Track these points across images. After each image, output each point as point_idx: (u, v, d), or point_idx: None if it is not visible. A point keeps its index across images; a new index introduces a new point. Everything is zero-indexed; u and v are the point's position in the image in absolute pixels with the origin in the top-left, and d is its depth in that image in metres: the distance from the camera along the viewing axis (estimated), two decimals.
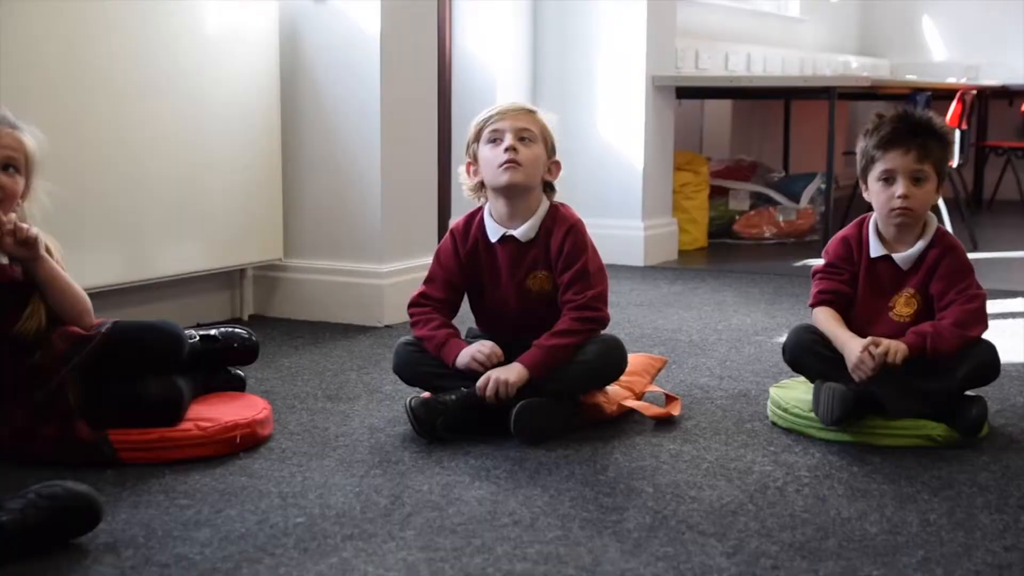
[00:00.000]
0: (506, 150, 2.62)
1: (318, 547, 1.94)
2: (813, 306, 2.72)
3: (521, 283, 2.70)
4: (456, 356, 2.61)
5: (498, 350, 2.60)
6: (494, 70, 5.22)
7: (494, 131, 2.65)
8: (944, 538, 1.99)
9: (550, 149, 2.70)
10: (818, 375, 2.61)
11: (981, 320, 2.58)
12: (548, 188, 2.74)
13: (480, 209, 2.75)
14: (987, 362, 2.57)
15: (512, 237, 2.69)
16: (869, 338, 2.53)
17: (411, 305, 2.74)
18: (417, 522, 2.06)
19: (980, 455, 2.46)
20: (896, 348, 2.50)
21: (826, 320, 2.66)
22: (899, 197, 2.58)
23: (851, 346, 2.55)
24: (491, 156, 2.65)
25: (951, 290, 2.59)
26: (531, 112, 2.70)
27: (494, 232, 2.71)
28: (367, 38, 3.78)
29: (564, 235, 2.67)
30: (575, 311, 2.63)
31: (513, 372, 2.56)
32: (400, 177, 3.90)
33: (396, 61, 3.84)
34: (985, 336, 2.61)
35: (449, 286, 2.74)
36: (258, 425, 2.52)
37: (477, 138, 2.69)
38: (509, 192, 2.66)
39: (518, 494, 2.21)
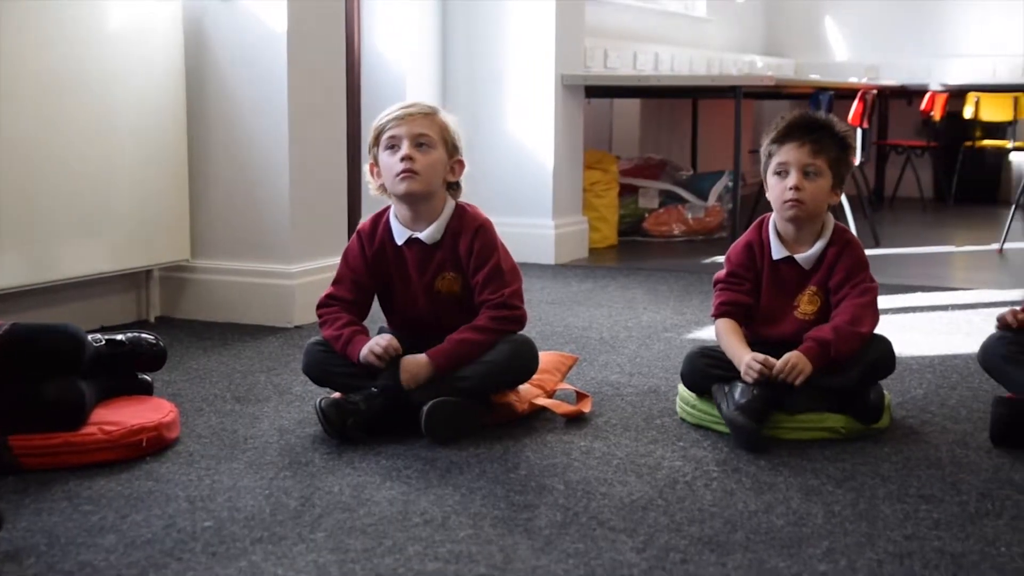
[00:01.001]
0: (403, 159, 2.61)
1: (227, 551, 1.92)
2: (715, 317, 2.76)
3: (430, 285, 2.70)
4: (360, 352, 2.60)
5: (395, 343, 2.59)
6: (403, 69, 5.20)
7: (391, 137, 2.64)
8: (848, 529, 2.04)
9: (451, 149, 2.69)
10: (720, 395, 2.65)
11: (873, 314, 2.64)
12: (453, 187, 2.73)
13: (387, 209, 2.75)
14: (881, 358, 2.63)
15: (418, 240, 2.69)
16: (757, 361, 2.56)
17: (319, 306, 2.73)
18: (327, 523, 2.04)
19: (882, 447, 2.52)
20: (801, 369, 2.53)
21: (725, 333, 2.70)
22: (790, 188, 2.62)
23: (743, 360, 2.59)
24: (389, 164, 2.64)
25: (846, 284, 2.65)
26: (429, 114, 2.67)
27: (400, 235, 2.70)
28: (274, 37, 3.74)
29: (473, 236, 2.67)
30: (493, 309, 2.64)
31: (415, 361, 2.58)
32: (308, 176, 3.87)
33: (303, 60, 3.81)
34: (883, 331, 2.67)
35: (357, 287, 2.73)
36: (165, 428, 2.48)
37: (376, 142, 2.67)
38: (409, 199, 2.66)
39: (429, 493, 2.20)
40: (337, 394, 2.64)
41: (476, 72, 5.36)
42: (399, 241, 2.70)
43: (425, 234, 2.67)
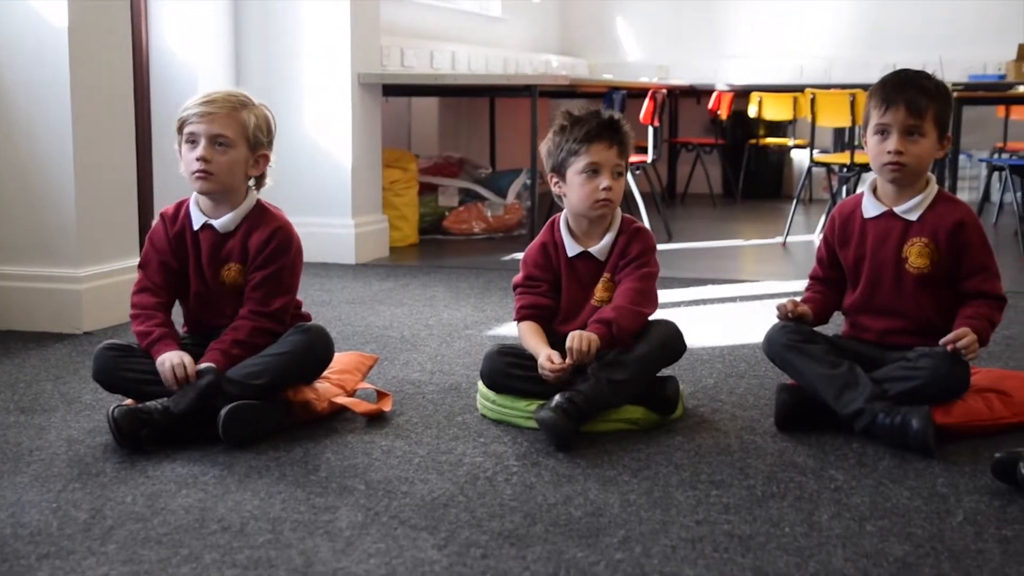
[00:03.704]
0: (198, 159, 2.60)
1: (10, 569, 1.83)
2: (517, 321, 2.81)
3: (216, 274, 2.69)
4: (159, 359, 2.55)
5: (191, 371, 2.52)
6: (195, 67, 5.07)
7: (191, 134, 2.63)
8: (643, 517, 2.09)
9: (253, 144, 2.67)
10: (520, 393, 2.68)
11: (651, 299, 2.73)
12: (258, 179, 2.73)
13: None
14: (668, 340, 2.69)
15: (212, 226, 2.68)
16: (556, 356, 2.61)
17: (133, 293, 2.70)
18: (120, 535, 1.98)
19: (675, 436, 2.60)
20: (588, 339, 2.57)
21: (527, 335, 2.75)
22: (604, 189, 2.69)
23: (541, 354, 2.64)
24: (187, 159, 2.64)
25: (630, 265, 2.73)
26: (230, 113, 2.63)
27: (197, 220, 2.70)
28: (54, 32, 3.59)
29: (269, 234, 2.67)
30: (256, 318, 2.64)
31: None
32: (95, 176, 3.73)
33: (87, 56, 3.67)
34: (677, 322, 2.75)
35: (164, 268, 2.71)
36: None
37: (181, 131, 2.66)
38: (206, 195, 2.68)
39: (227, 500, 2.16)
40: (130, 401, 2.56)
41: (271, 70, 5.27)
42: (195, 226, 2.70)
43: (220, 222, 2.68)
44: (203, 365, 2.54)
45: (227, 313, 2.68)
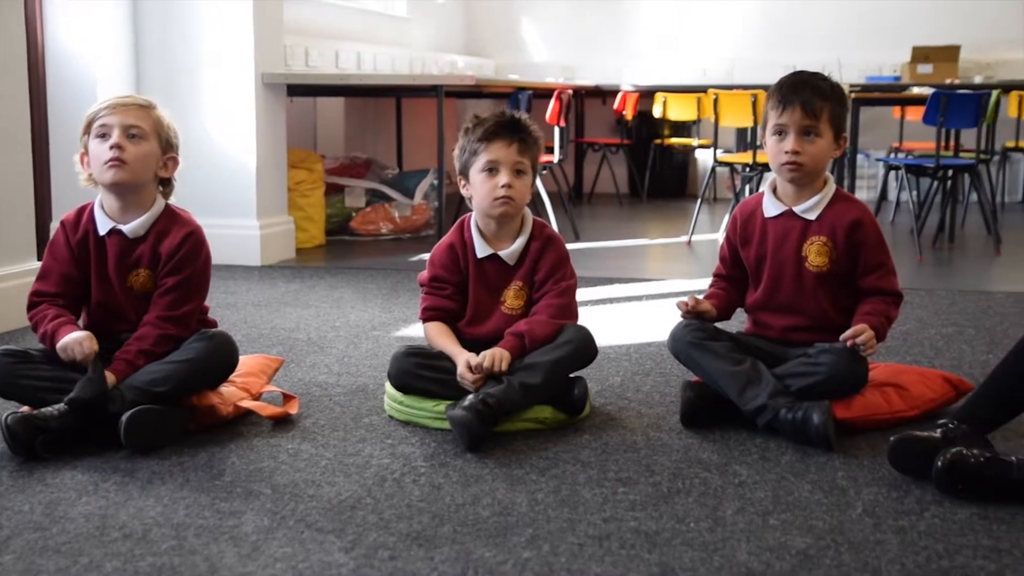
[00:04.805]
0: (112, 147, 2.57)
1: None
2: (423, 320, 2.81)
3: (123, 280, 2.65)
4: (61, 339, 2.51)
5: (93, 346, 2.50)
6: (93, 68, 4.97)
7: (102, 126, 2.60)
8: (551, 515, 2.10)
9: (164, 144, 2.65)
10: (428, 394, 2.68)
11: (570, 309, 2.75)
12: (165, 184, 2.70)
13: (94, 201, 2.69)
14: (582, 342, 2.69)
15: (120, 231, 2.63)
16: (474, 359, 2.62)
17: (28, 307, 2.64)
18: (16, 545, 1.93)
19: (582, 434, 2.61)
20: (500, 358, 2.60)
21: (437, 336, 2.76)
22: (503, 187, 2.69)
23: (460, 359, 2.65)
24: (98, 152, 2.60)
25: (548, 280, 2.74)
26: (144, 107, 2.64)
27: (103, 225, 2.65)
28: None
29: (182, 240, 2.64)
30: (161, 324, 2.60)
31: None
32: None
33: None
34: (583, 322, 2.77)
35: (64, 279, 2.65)
36: None
37: (88, 131, 2.62)
38: (116, 189, 2.62)
39: (129, 506, 2.12)
40: (26, 408, 2.50)
41: (171, 70, 5.19)
42: (102, 231, 2.65)
43: (129, 227, 2.64)
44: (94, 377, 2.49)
45: (131, 319, 2.63)
